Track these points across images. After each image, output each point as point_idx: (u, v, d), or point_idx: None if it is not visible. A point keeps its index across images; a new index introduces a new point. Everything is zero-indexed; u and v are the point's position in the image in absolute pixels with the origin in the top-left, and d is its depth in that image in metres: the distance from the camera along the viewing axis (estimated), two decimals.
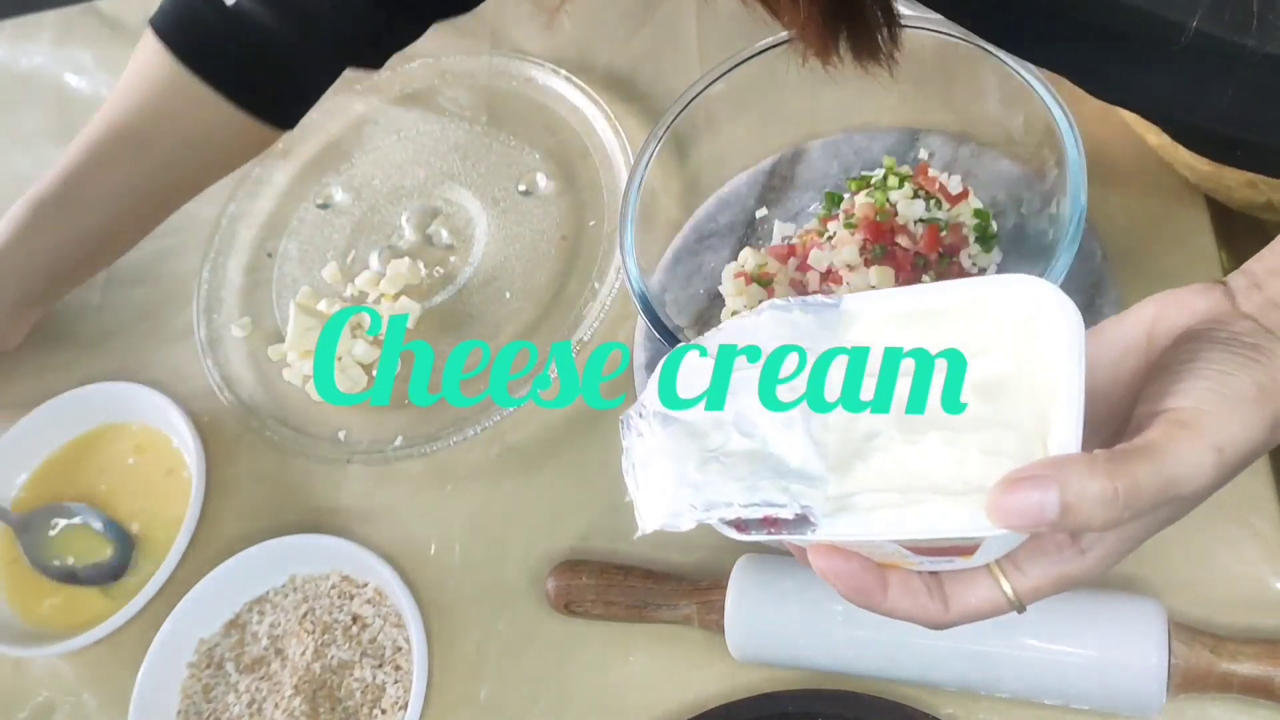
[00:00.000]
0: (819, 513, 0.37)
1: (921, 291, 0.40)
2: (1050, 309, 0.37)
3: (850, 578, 0.39)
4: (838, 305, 0.40)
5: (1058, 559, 0.38)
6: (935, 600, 0.40)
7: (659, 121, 0.64)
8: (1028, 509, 0.33)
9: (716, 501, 0.38)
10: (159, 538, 0.72)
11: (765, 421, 0.39)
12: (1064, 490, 0.33)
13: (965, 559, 0.38)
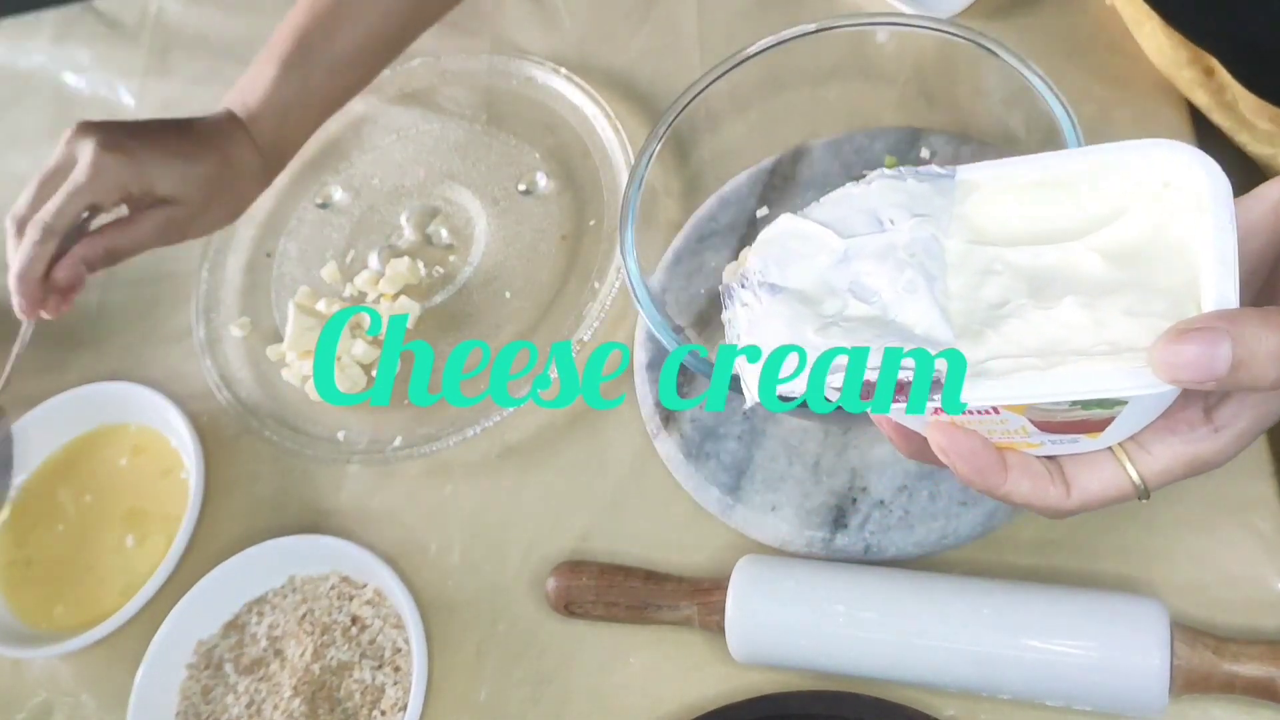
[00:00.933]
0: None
1: (1044, 160, 0.38)
2: (1191, 171, 0.35)
3: (972, 456, 0.37)
4: (952, 175, 0.39)
5: (1189, 437, 0.36)
6: (1056, 484, 0.38)
7: (659, 121, 0.63)
8: (1198, 361, 0.32)
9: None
10: (157, 538, 0.71)
11: (886, 287, 0.37)
12: (1237, 343, 0.32)
13: (1091, 438, 0.37)
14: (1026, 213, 0.38)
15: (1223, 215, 0.34)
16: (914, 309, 0.37)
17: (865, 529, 0.58)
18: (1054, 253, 0.37)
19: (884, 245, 0.39)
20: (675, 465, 0.64)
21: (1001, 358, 0.36)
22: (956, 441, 0.37)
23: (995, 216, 0.38)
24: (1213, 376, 0.32)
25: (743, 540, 0.61)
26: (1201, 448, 0.37)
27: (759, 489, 0.61)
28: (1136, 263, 0.36)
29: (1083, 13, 0.72)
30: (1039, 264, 0.37)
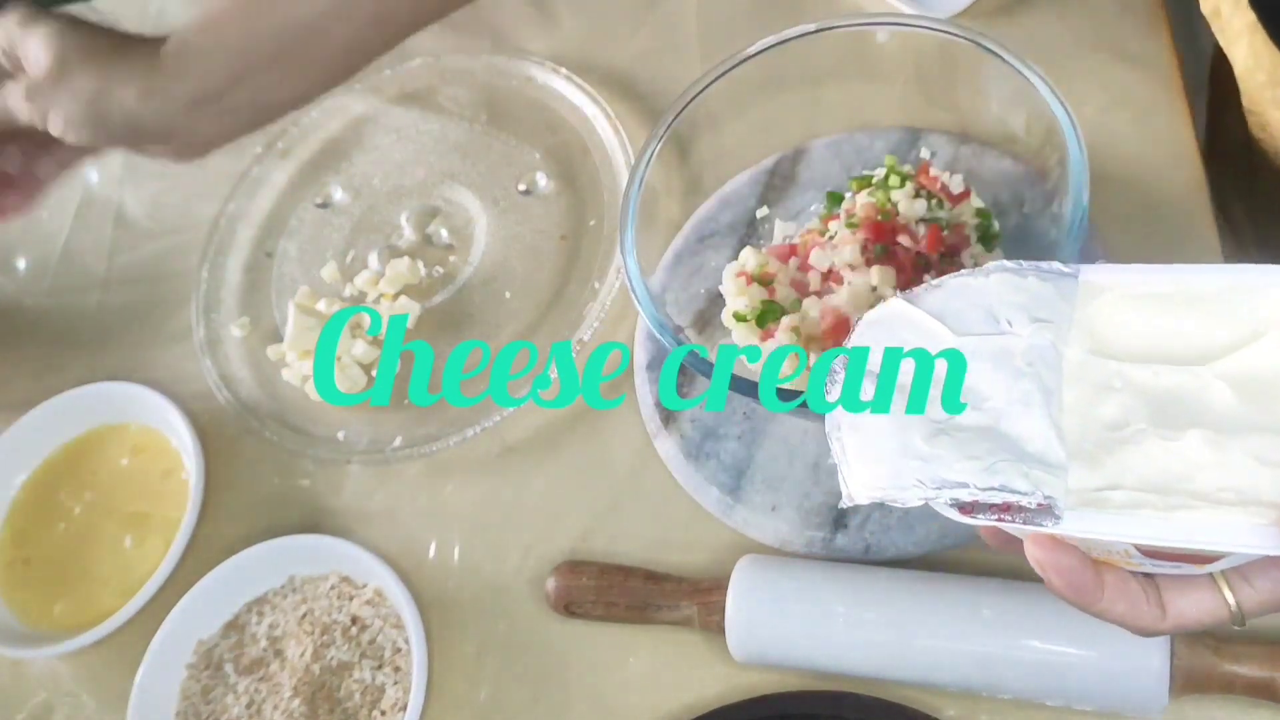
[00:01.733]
0: (1062, 505, 0.34)
1: (1178, 271, 0.36)
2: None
3: (1070, 574, 0.36)
4: (1075, 276, 0.38)
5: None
6: (1152, 605, 0.37)
7: (659, 121, 0.64)
8: None
9: (949, 480, 0.35)
10: (157, 538, 0.71)
11: (1000, 395, 0.36)
12: None
13: (1197, 566, 0.36)
14: (1153, 326, 0.36)
15: None
16: (1027, 424, 0.36)
17: (865, 529, 0.58)
18: (1180, 375, 0.35)
19: (1000, 349, 0.37)
20: (675, 465, 0.64)
21: (1118, 489, 0.34)
22: (1055, 557, 0.36)
23: (1119, 326, 0.37)
24: None
25: (743, 540, 0.61)
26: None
27: (759, 489, 0.61)
28: (1268, 399, 0.34)
29: (1083, 13, 0.72)
30: (1162, 385, 0.35)
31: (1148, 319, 0.36)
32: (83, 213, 0.89)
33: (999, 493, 0.35)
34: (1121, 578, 0.37)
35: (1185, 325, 0.36)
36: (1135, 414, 0.35)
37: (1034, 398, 0.36)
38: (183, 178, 0.88)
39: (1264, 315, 0.35)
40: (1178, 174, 0.65)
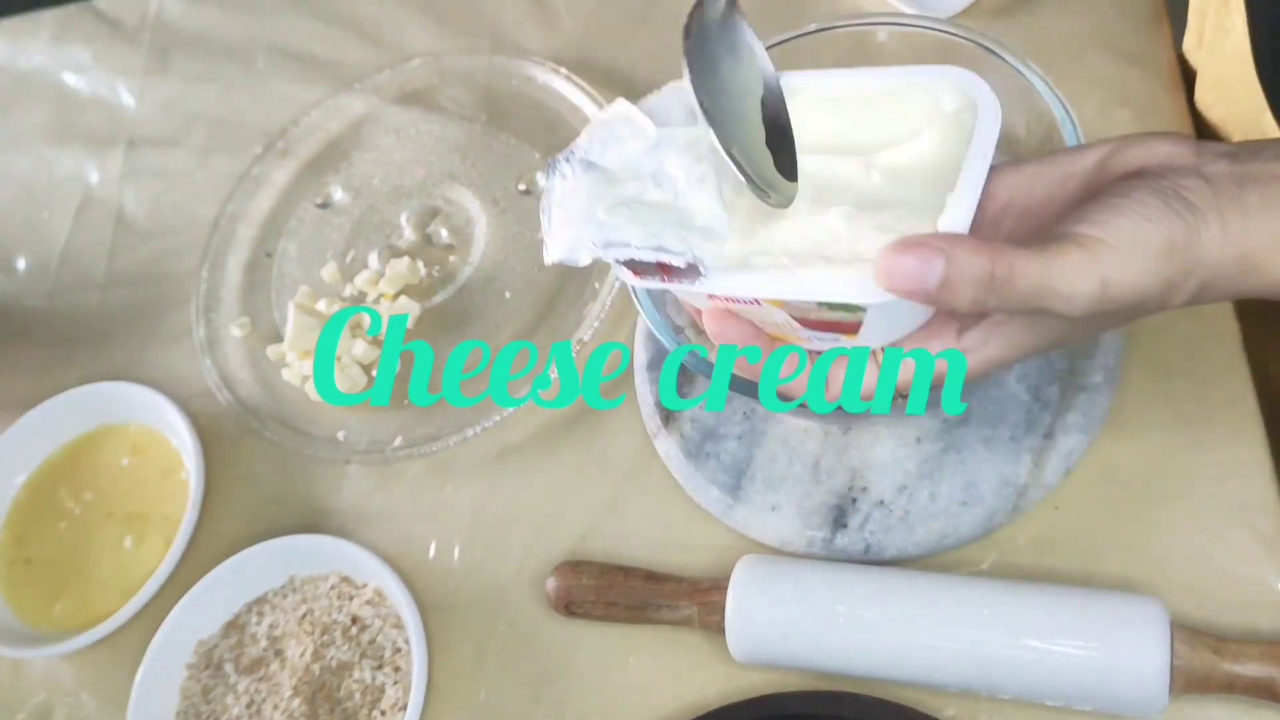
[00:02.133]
0: (709, 265, 0.39)
1: (858, 75, 0.42)
2: (977, 100, 0.39)
3: (739, 344, 0.41)
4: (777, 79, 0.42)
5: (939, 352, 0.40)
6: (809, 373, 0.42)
7: None
8: (911, 272, 0.35)
9: (615, 241, 0.40)
10: (157, 538, 0.71)
11: (681, 177, 0.41)
12: (949, 262, 0.35)
13: (850, 339, 0.40)
14: (833, 124, 0.41)
15: (980, 146, 0.38)
16: (700, 200, 0.40)
17: (865, 529, 0.58)
18: (846, 165, 0.41)
19: (691, 139, 0.42)
20: (675, 465, 0.64)
21: (763, 254, 0.39)
22: (725, 328, 0.41)
23: (804, 124, 0.41)
24: (923, 288, 0.35)
25: (743, 540, 0.61)
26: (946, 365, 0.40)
27: (759, 489, 0.61)
28: (910, 183, 0.39)
29: (1082, 13, 0.72)
30: (828, 174, 0.41)
31: (830, 118, 0.41)
32: (83, 213, 0.89)
33: (654, 252, 0.39)
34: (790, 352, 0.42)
35: (860, 122, 0.41)
36: (801, 197, 0.40)
37: (709, 178, 0.41)
38: (183, 178, 0.88)
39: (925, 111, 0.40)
40: None
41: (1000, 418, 0.59)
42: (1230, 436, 0.57)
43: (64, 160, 0.92)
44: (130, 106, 0.93)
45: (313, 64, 0.90)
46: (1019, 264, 0.36)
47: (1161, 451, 0.57)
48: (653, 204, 0.41)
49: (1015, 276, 0.36)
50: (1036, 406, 0.58)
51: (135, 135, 0.92)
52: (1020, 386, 0.59)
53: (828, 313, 0.38)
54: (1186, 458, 0.57)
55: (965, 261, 0.35)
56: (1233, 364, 0.58)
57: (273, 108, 0.88)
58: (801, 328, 0.40)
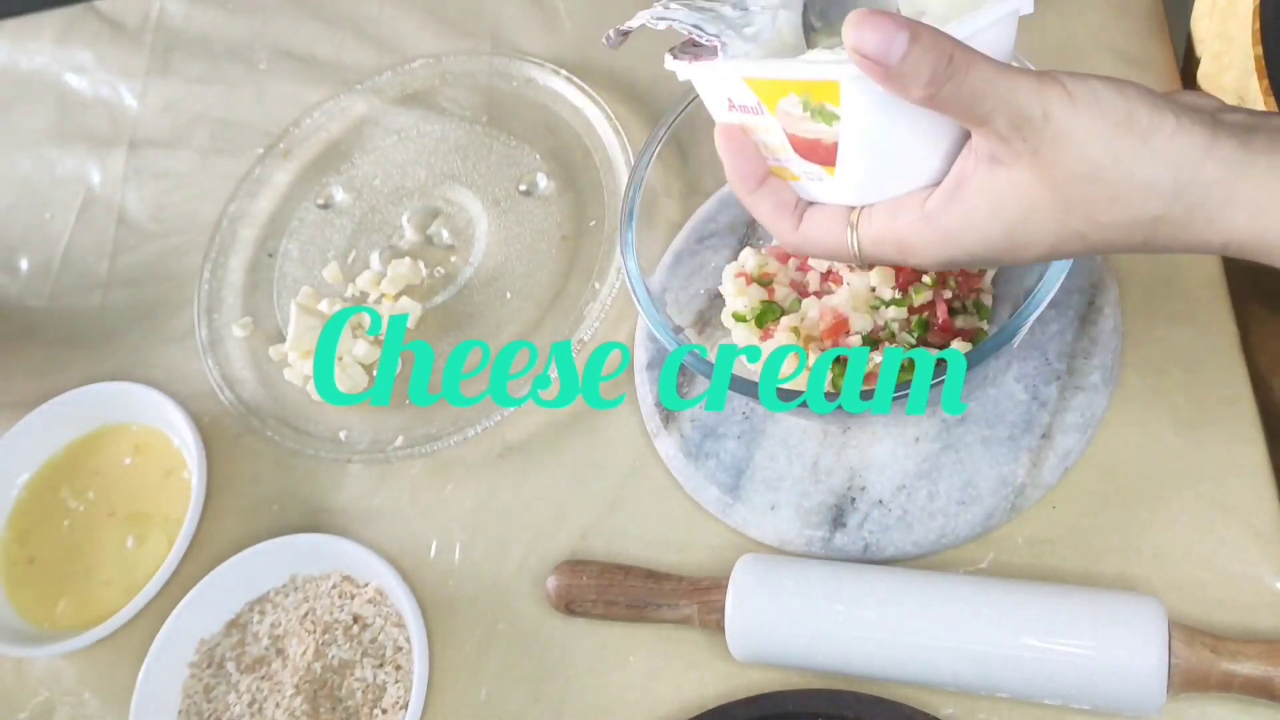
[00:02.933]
0: (729, 52, 0.43)
1: None
2: None
3: (739, 156, 0.43)
4: None
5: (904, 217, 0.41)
6: (793, 217, 0.44)
7: (659, 121, 0.64)
8: (878, 39, 0.36)
9: (665, 17, 0.45)
10: (159, 537, 0.72)
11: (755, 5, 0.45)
12: (913, 39, 0.36)
13: (829, 172, 0.42)
14: None
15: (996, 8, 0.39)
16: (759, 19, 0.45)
17: (864, 528, 0.58)
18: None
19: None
20: (675, 465, 0.64)
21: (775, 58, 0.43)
22: (730, 143, 0.43)
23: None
24: (885, 59, 0.36)
25: (742, 539, 0.61)
26: (910, 231, 0.41)
27: (758, 488, 0.61)
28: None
29: (1082, 14, 0.72)
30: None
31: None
32: (85, 213, 0.89)
33: (690, 28, 0.43)
34: (780, 186, 0.44)
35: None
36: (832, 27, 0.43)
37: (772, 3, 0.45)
38: (185, 179, 0.89)
39: None
40: None
41: (998, 418, 0.59)
42: (1228, 436, 0.57)
43: (66, 161, 0.93)
44: (132, 107, 0.94)
45: (314, 65, 0.90)
46: (977, 60, 0.37)
47: (1159, 451, 0.57)
48: (719, 14, 0.44)
49: (972, 69, 0.36)
50: (1034, 406, 0.59)
51: (137, 136, 0.92)
52: (1018, 386, 0.59)
53: (810, 122, 0.40)
54: (1184, 458, 0.57)
55: (929, 40, 0.36)
56: (1230, 365, 0.59)
57: (274, 109, 0.88)
58: (796, 156, 0.42)
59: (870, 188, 0.42)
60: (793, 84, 0.40)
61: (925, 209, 0.40)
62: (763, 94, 0.42)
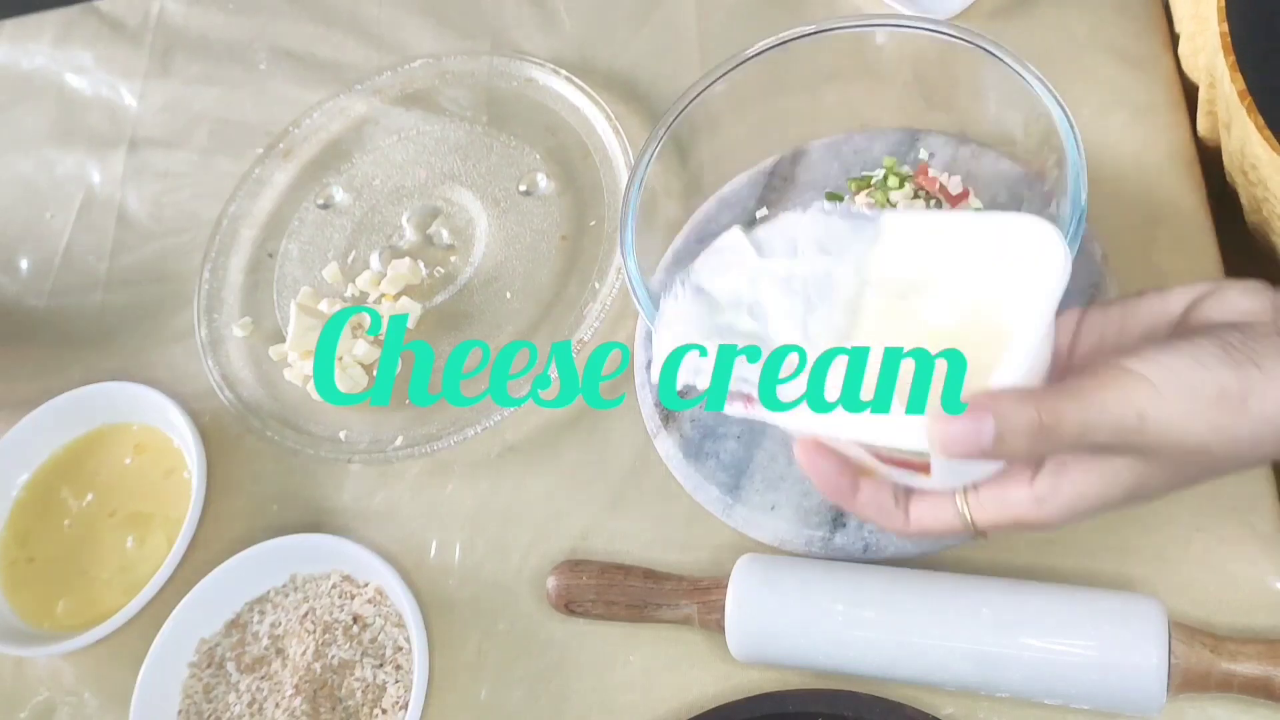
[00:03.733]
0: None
1: (945, 218, 0.44)
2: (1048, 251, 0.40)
3: (827, 474, 0.42)
4: (874, 220, 0.44)
5: (1013, 501, 0.40)
6: (900, 510, 0.43)
7: (659, 121, 0.64)
8: (965, 434, 0.36)
9: (705, 369, 0.43)
10: (159, 537, 0.72)
11: (774, 311, 0.43)
12: (998, 419, 0.36)
13: (925, 477, 0.41)
14: (917, 264, 0.43)
15: (1040, 303, 0.38)
16: (787, 334, 0.43)
17: (864, 528, 0.58)
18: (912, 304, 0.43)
19: (787, 273, 0.44)
20: (675, 465, 0.64)
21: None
22: (814, 460, 0.42)
23: (892, 264, 0.43)
24: (979, 447, 0.36)
25: (742, 539, 0.61)
26: (1024, 512, 0.40)
27: (758, 488, 0.61)
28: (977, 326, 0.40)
29: (1081, 14, 0.72)
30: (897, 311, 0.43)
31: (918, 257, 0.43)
32: (85, 213, 0.89)
33: (738, 382, 0.42)
34: (878, 485, 0.43)
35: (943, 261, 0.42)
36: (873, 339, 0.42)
37: (796, 312, 0.43)
38: (185, 178, 0.89)
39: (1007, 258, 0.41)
40: (1175, 174, 0.65)
41: None
42: None
43: (66, 161, 0.93)
44: (132, 107, 0.94)
45: (314, 65, 0.90)
46: (1061, 406, 0.37)
47: None
48: (745, 334, 0.43)
49: (1061, 420, 0.36)
50: None
51: (137, 136, 0.92)
52: None
53: (898, 452, 0.40)
54: None
55: (1013, 415, 0.36)
56: None
57: (274, 109, 0.88)
58: (880, 462, 0.42)
59: (966, 478, 0.42)
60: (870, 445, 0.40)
61: (1035, 493, 0.40)
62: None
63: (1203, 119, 0.65)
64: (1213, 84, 0.62)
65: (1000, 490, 0.41)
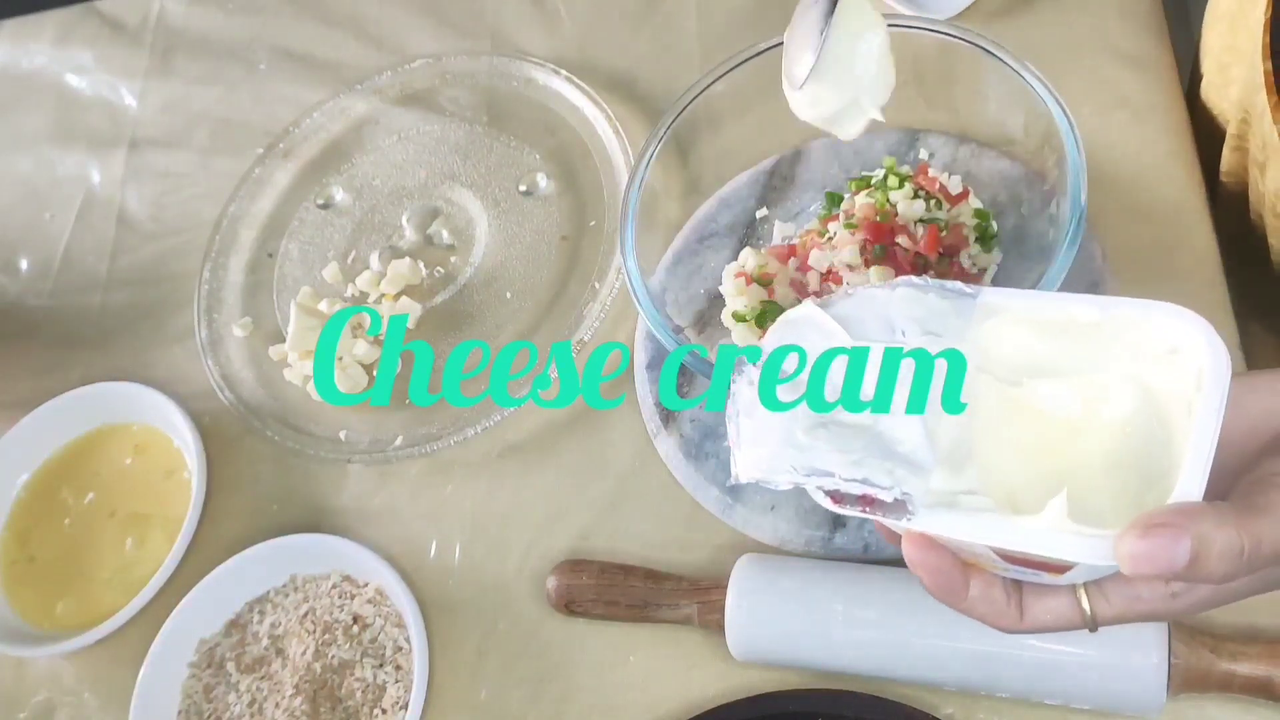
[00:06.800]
0: (918, 502, 0.36)
1: (1065, 300, 0.39)
2: (1199, 347, 0.36)
3: (937, 573, 0.38)
4: (975, 296, 0.40)
5: (1147, 597, 0.38)
6: (1012, 607, 0.39)
7: (659, 121, 0.64)
8: (1158, 556, 0.33)
9: (819, 469, 0.37)
10: (159, 538, 0.72)
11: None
12: (1197, 541, 0.33)
13: (1053, 575, 0.38)
14: (1040, 350, 0.38)
15: (1213, 403, 0.35)
16: (903, 427, 0.38)
17: (864, 528, 0.58)
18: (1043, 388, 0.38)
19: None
20: (675, 465, 0.64)
21: (969, 493, 0.37)
22: (925, 556, 0.38)
23: (1005, 344, 0.39)
24: (1171, 570, 0.33)
25: (742, 539, 0.61)
26: (1157, 607, 0.38)
27: (758, 488, 0.61)
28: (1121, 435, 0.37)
29: (1081, 15, 0.72)
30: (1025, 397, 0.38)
31: (1034, 344, 0.39)
32: (85, 213, 0.89)
33: (861, 485, 0.37)
34: (987, 581, 0.39)
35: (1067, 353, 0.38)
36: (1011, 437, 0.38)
37: None
38: (185, 179, 0.89)
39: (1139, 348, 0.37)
40: (1175, 174, 0.65)
41: None
42: None
43: (66, 161, 0.93)
44: (132, 107, 0.94)
45: (314, 65, 0.90)
46: (1259, 528, 0.35)
47: None
48: (852, 427, 0.38)
49: (1261, 543, 0.34)
50: None
51: (137, 136, 0.92)
52: None
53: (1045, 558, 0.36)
54: None
55: (1213, 539, 0.33)
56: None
57: (274, 109, 0.88)
58: (1003, 561, 0.38)
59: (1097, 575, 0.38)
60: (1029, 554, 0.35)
61: (1171, 588, 0.38)
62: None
63: (1229, 155, 0.64)
64: (1246, 120, 0.61)
65: (1129, 590, 0.38)
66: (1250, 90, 0.59)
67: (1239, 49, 0.62)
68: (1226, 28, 0.63)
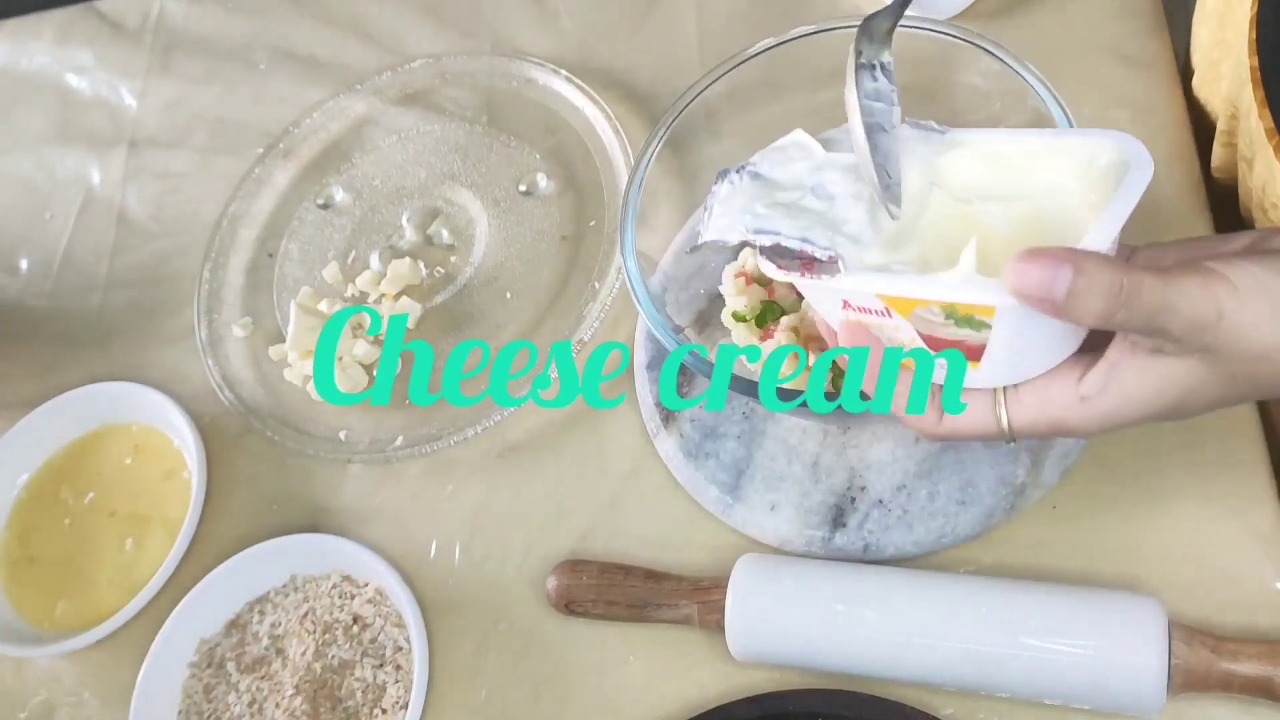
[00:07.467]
0: (850, 264, 0.41)
1: (1018, 134, 0.44)
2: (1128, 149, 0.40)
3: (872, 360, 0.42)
4: (943, 133, 0.45)
5: (1057, 399, 0.41)
6: (933, 410, 0.42)
7: (659, 121, 0.64)
8: (1041, 279, 0.36)
9: (766, 229, 0.43)
10: (159, 538, 0.72)
11: (840, 194, 0.44)
12: (1078, 272, 0.35)
13: (974, 368, 0.41)
14: (987, 174, 0.44)
15: (1131, 184, 0.39)
16: (852, 213, 0.43)
17: (864, 528, 0.58)
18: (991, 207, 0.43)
19: (853, 163, 0.45)
20: (675, 465, 0.64)
21: (900, 265, 0.42)
22: (859, 343, 0.42)
23: (962, 172, 0.44)
24: (1051, 296, 0.36)
25: (742, 539, 0.61)
26: (1067, 413, 0.40)
27: (758, 488, 0.61)
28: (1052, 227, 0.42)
29: (1081, 14, 0.72)
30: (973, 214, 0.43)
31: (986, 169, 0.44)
32: (85, 214, 0.89)
33: (800, 242, 0.42)
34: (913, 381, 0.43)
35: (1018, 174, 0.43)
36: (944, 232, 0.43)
37: (864, 197, 0.44)
38: (185, 179, 0.89)
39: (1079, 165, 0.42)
40: (1175, 174, 0.65)
41: None
42: (1227, 435, 0.57)
43: (66, 161, 0.93)
44: (132, 107, 0.94)
45: (314, 65, 0.90)
46: (1145, 279, 0.36)
47: (1159, 451, 0.57)
48: (807, 209, 0.44)
49: (1140, 289, 0.36)
50: None
51: (137, 136, 0.92)
52: None
53: (954, 328, 0.39)
54: (1184, 457, 0.57)
55: (1094, 272, 0.36)
56: None
57: (274, 109, 0.88)
58: (926, 346, 0.41)
59: (1013, 373, 0.42)
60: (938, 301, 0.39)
61: (1080, 392, 0.40)
62: (895, 304, 0.41)
63: (1219, 151, 0.64)
64: (1235, 115, 0.61)
65: (1043, 388, 0.40)
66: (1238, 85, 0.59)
67: (1228, 44, 0.62)
68: (1216, 23, 0.63)
